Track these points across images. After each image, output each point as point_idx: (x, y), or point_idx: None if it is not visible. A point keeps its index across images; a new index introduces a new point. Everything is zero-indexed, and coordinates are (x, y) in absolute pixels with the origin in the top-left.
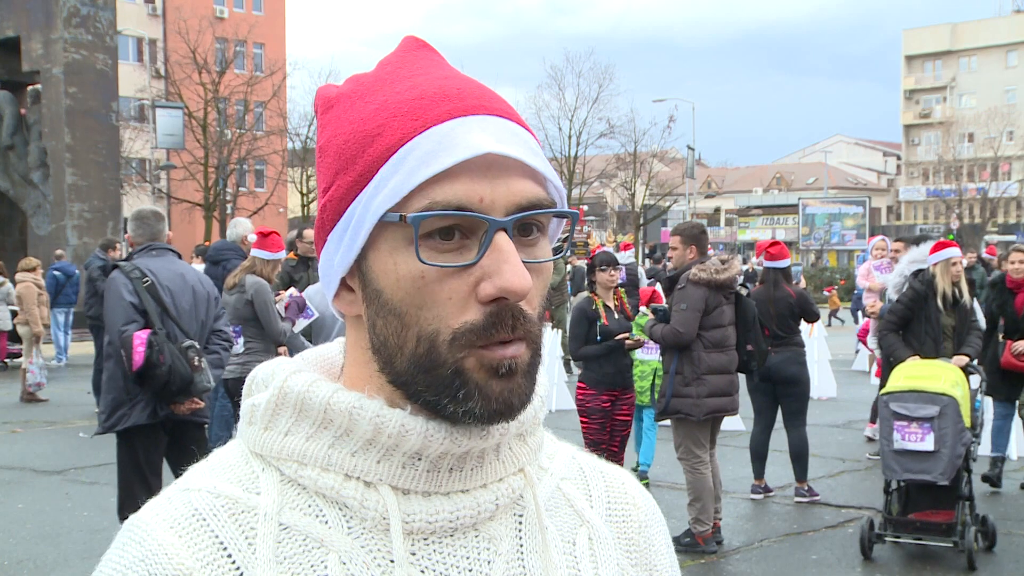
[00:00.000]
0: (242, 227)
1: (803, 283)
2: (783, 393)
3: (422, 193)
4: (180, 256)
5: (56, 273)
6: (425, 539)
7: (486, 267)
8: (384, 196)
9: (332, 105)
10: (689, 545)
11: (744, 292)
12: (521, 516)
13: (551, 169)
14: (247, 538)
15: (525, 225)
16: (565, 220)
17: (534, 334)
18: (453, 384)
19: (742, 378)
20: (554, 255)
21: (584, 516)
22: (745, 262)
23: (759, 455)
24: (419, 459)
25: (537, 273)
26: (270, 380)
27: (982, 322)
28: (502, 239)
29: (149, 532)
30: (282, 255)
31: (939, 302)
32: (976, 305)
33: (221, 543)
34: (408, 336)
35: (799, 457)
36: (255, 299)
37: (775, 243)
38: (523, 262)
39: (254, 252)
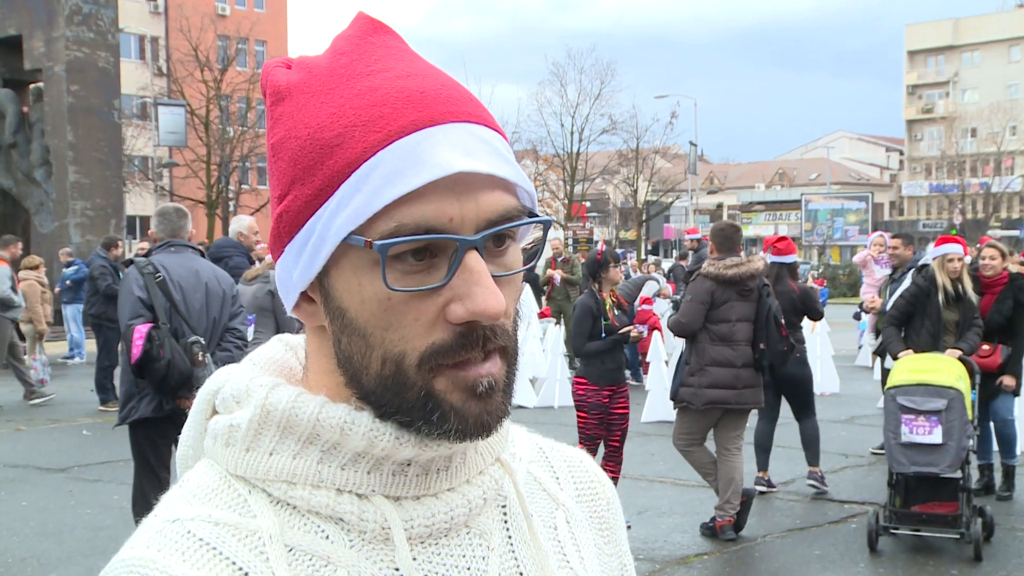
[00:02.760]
0: (238, 223)
1: (810, 281)
2: (786, 391)
3: (388, 214)
4: (203, 254)
5: (74, 269)
6: (422, 542)
7: (456, 288)
8: (346, 217)
9: (283, 97)
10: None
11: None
12: (504, 507)
13: (522, 174)
14: (263, 560)
15: (497, 235)
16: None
17: (510, 347)
18: (426, 407)
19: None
20: (527, 262)
21: (558, 499)
22: None
23: (763, 447)
24: (408, 465)
25: (508, 284)
26: (242, 396)
27: None
28: (473, 259)
29: (160, 568)
30: None
31: (941, 297)
32: None
33: (241, 570)
34: (373, 357)
35: (810, 443)
36: (278, 292)
37: (782, 238)
38: (494, 276)
39: None
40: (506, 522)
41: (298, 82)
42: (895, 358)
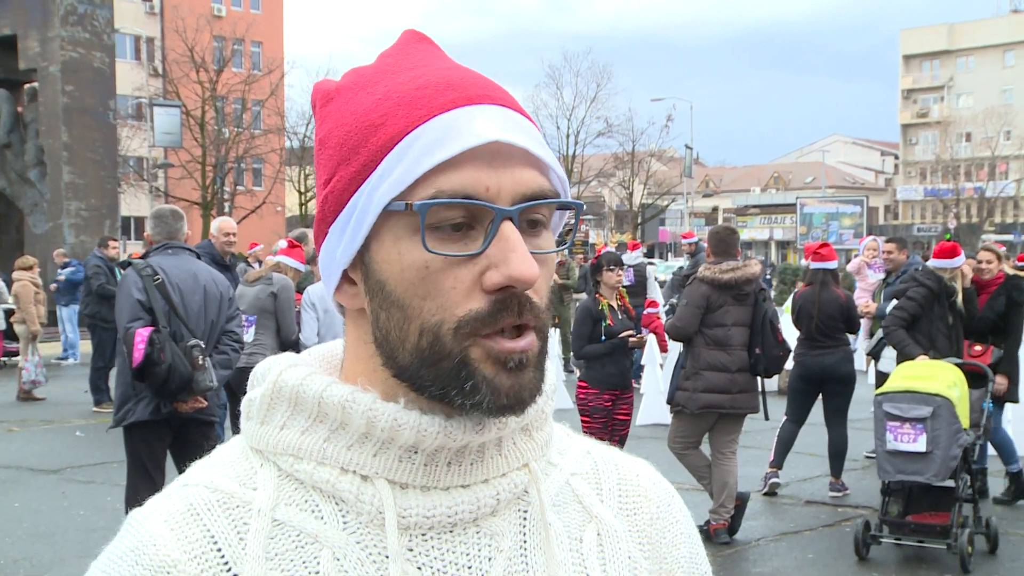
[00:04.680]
0: (213, 224)
1: (799, 285)
2: (832, 391)
3: (427, 182)
4: (199, 256)
5: (71, 270)
6: (423, 534)
7: (492, 256)
8: (388, 185)
9: (332, 98)
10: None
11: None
12: (526, 512)
13: (554, 158)
14: (239, 533)
15: (530, 219)
16: (568, 212)
17: (542, 323)
18: (460, 375)
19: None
20: (558, 247)
21: (593, 512)
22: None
23: (786, 446)
24: (415, 452)
25: (543, 263)
26: (266, 375)
27: None
28: (508, 228)
29: (143, 525)
30: (304, 268)
31: (960, 303)
32: None
33: (212, 537)
34: (411, 329)
35: (838, 454)
36: (280, 293)
37: (824, 244)
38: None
39: (282, 258)
40: (524, 527)
41: (346, 84)
42: (912, 359)
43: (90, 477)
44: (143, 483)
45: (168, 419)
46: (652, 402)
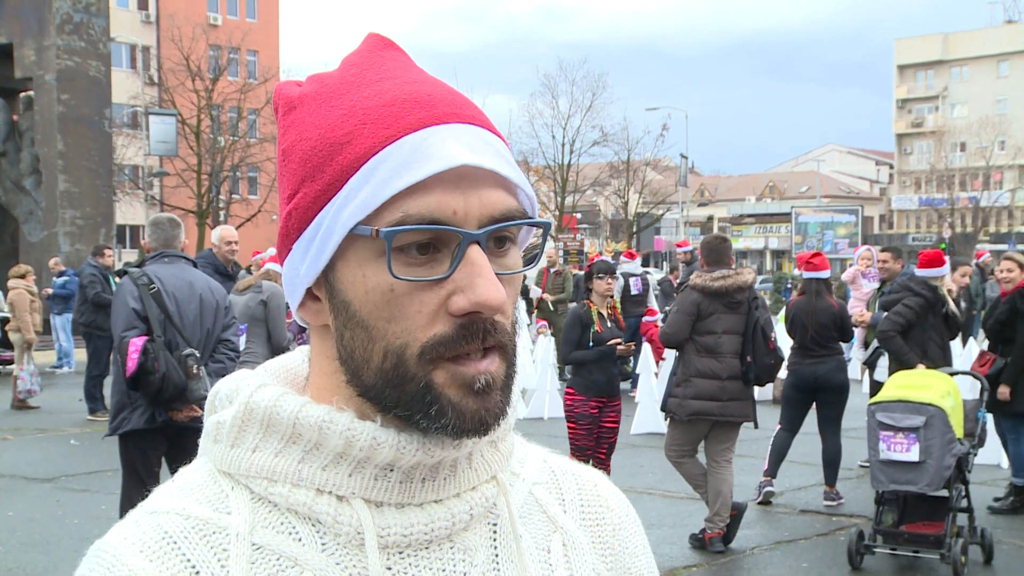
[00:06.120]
0: (213, 233)
1: (794, 294)
2: (826, 400)
3: (394, 205)
4: (195, 264)
5: (65, 279)
6: (400, 552)
7: (459, 281)
8: (354, 208)
9: (295, 106)
10: (701, 541)
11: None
12: (495, 525)
13: (523, 177)
14: (219, 560)
15: (498, 236)
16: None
17: (508, 345)
18: (424, 399)
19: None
20: (526, 265)
21: (557, 522)
22: None
23: (781, 455)
24: (391, 470)
25: (508, 283)
26: (234, 395)
27: None
28: (475, 252)
29: (118, 557)
30: None
31: (952, 311)
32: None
33: (193, 566)
34: (375, 349)
35: (832, 463)
36: (270, 301)
37: (816, 254)
38: (495, 273)
39: (271, 266)
40: (495, 540)
41: (310, 92)
42: (911, 367)
43: (85, 486)
44: (137, 492)
45: (163, 428)
46: (647, 411)
